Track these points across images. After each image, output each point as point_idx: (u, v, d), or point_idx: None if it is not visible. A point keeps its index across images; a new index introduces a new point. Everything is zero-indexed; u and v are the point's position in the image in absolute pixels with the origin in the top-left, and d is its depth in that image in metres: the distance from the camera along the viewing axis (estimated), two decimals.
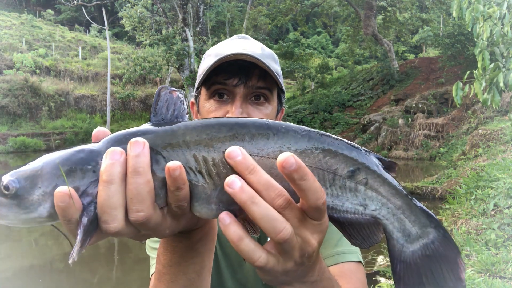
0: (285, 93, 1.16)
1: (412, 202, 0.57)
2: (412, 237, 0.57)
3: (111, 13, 37.44)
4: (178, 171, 0.49)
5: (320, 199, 0.50)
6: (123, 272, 6.00)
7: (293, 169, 0.48)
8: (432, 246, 0.57)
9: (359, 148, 0.56)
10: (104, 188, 0.49)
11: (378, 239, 0.57)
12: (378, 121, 18.69)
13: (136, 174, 0.49)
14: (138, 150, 0.50)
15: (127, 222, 0.51)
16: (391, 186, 0.56)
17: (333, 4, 28.97)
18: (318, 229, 0.53)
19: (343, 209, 0.55)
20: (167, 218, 0.54)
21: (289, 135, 0.53)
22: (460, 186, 7.19)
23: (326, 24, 46.49)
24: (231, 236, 0.51)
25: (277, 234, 0.50)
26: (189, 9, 21.08)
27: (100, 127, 0.57)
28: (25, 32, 31.27)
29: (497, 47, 3.55)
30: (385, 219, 0.56)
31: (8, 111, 22.16)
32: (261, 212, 0.49)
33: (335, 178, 0.54)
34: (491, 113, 13.31)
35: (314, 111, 22.85)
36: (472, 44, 17.27)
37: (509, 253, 3.90)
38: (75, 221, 0.49)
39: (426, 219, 0.57)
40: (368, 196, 0.55)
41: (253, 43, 1.09)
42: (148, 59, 20.60)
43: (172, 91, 0.58)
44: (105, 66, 26.43)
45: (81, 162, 0.51)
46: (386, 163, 0.57)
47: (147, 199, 0.50)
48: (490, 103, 3.45)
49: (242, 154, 0.50)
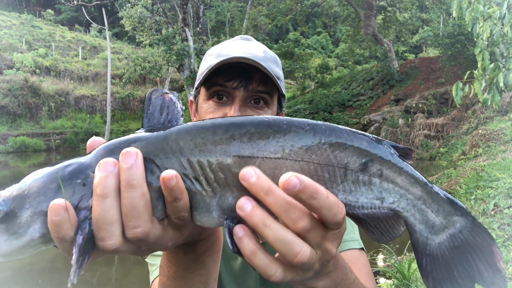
0: (285, 97, 1.15)
1: (433, 190, 0.53)
2: (437, 228, 0.53)
3: (111, 13, 37.43)
4: (174, 181, 0.46)
5: (338, 215, 0.46)
6: (123, 272, 6.00)
7: (298, 189, 0.44)
8: (461, 236, 0.53)
9: (369, 137, 0.52)
10: (98, 202, 0.46)
11: (398, 233, 0.53)
12: (378, 121, 18.69)
13: (130, 187, 0.46)
14: (131, 162, 0.46)
15: (125, 239, 0.48)
16: (409, 175, 0.52)
17: (333, 4, 28.97)
18: (338, 235, 0.51)
19: (358, 205, 0.51)
20: (168, 230, 0.51)
21: (292, 132, 0.49)
22: (460, 186, 7.19)
23: (326, 24, 46.51)
24: (244, 250, 0.47)
25: (294, 257, 0.47)
26: (189, 9, 21.08)
27: (95, 136, 0.54)
28: (25, 32, 31.27)
29: (497, 47, 3.55)
30: (405, 211, 0.52)
31: (8, 111, 22.16)
32: (274, 235, 0.46)
33: (347, 173, 0.50)
34: (491, 113, 13.31)
35: (314, 111, 22.85)
36: (472, 44, 17.27)
37: (509, 253, 3.91)
38: (69, 239, 0.46)
39: (450, 207, 0.53)
40: (384, 189, 0.51)
41: (255, 45, 1.07)
42: (148, 59, 20.58)
43: (164, 93, 0.55)
44: (105, 66, 26.43)
45: (70, 177, 0.48)
46: (401, 150, 0.53)
47: (144, 214, 0.47)
48: (490, 103, 3.45)
49: (256, 175, 0.46)
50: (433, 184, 0.53)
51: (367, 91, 23.55)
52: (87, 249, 0.46)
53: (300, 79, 28.94)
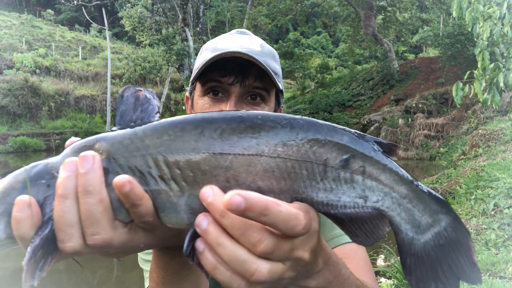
0: (283, 92, 1.10)
1: (419, 187, 0.50)
2: (423, 227, 0.51)
3: (111, 13, 37.43)
4: (127, 187, 0.43)
5: (296, 227, 0.43)
6: (123, 272, 5.99)
7: (244, 208, 0.40)
8: (445, 234, 0.51)
9: (351, 132, 0.49)
10: (59, 203, 0.44)
11: (383, 233, 0.50)
12: (378, 121, 18.69)
13: (87, 193, 0.44)
14: (87, 166, 0.44)
15: (86, 242, 0.46)
16: (393, 172, 0.49)
17: (333, 4, 28.97)
18: (309, 239, 0.47)
19: (340, 204, 0.48)
20: (138, 233, 0.48)
21: (266, 127, 0.46)
22: (460, 186, 7.19)
23: (326, 24, 46.52)
24: (205, 265, 0.45)
25: (250, 277, 0.44)
26: (189, 9, 21.09)
27: (73, 137, 0.52)
28: (25, 32, 31.27)
29: (497, 47, 3.55)
30: (390, 210, 0.50)
31: (8, 111, 22.15)
32: (227, 255, 0.43)
33: (327, 170, 0.47)
34: (491, 113, 13.31)
35: (314, 111, 22.86)
36: (472, 44, 17.26)
37: (509, 253, 3.91)
38: (29, 238, 0.44)
39: (436, 205, 0.51)
40: (367, 187, 0.49)
41: (252, 39, 1.03)
42: (148, 59, 20.60)
43: (138, 91, 0.52)
44: (105, 66, 26.43)
45: (35, 177, 0.47)
46: (385, 146, 0.50)
47: (103, 220, 0.45)
48: (490, 103, 3.45)
49: (213, 194, 0.43)
50: (418, 181, 0.51)
51: (367, 91, 23.55)
52: (49, 251, 0.45)
53: (300, 79, 28.95)
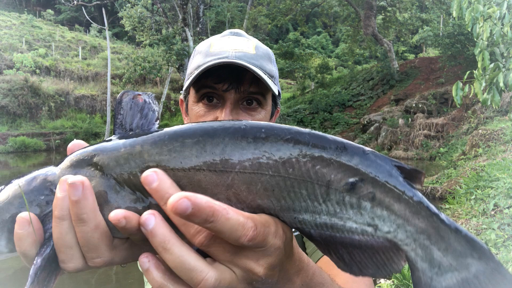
0: (280, 94, 1.08)
1: (443, 223, 0.43)
2: (444, 269, 0.44)
3: (111, 13, 37.43)
4: (123, 222, 0.41)
5: (242, 237, 0.40)
6: (123, 272, 5.99)
7: (190, 213, 0.38)
8: (476, 282, 0.43)
9: (365, 151, 0.43)
10: (56, 224, 0.43)
11: (399, 268, 0.44)
12: (378, 121, 18.69)
13: (81, 221, 0.43)
14: (78, 194, 0.42)
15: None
16: (410, 203, 0.43)
17: (333, 4, 28.97)
18: (265, 254, 0.43)
19: (346, 229, 0.44)
20: (137, 246, 0.47)
21: (269, 141, 0.43)
22: (460, 186, 7.20)
23: (326, 24, 46.52)
24: (151, 284, 0.43)
25: (197, 285, 0.41)
26: (189, 9, 21.09)
27: (76, 140, 0.50)
28: (25, 32, 31.27)
29: (497, 47, 3.55)
30: (404, 244, 0.43)
31: (8, 111, 22.15)
32: (174, 261, 0.41)
33: (329, 192, 0.43)
34: (491, 113, 13.31)
35: (314, 111, 22.85)
36: (472, 44, 17.27)
37: (509, 253, 3.91)
38: (31, 255, 0.44)
39: (464, 247, 0.44)
40: (377, 215, 0.43)
41: (246, 42, 1.00)
42: (148, 59, 20.58)
43: (137, 95, 0.50)
44: (105, 66, 26.43)
45: (34, 192, 0.45)
46: (407, 171, 0.44)
47: (101, 245, 0.44)
48: (490, 103, 3.45)
49: (159, 180, 0.40)
50: (444, 214, 0.44)
51: (367, 91, 23.55)
52: (52, 270, 0.44)
53: (300, 79, 28.95)
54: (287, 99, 28.53)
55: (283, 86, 35.17)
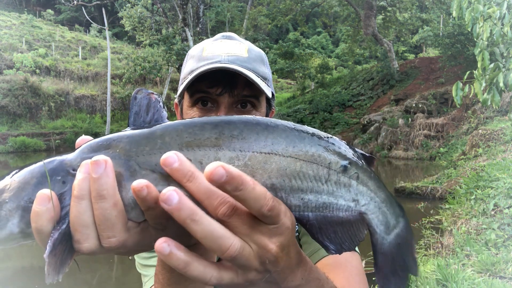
0: (274, 95, 1.10)
1: (390, 194, 0.58)
2: (390, 229, 0.57)
3: (111, 13, 37.44)
4: (145, 191, 0.43)
5: (263, 207, 0.45)
6: (123, 272, 6.00)
7: (224, 181, 0.42)
8: (401, 234, 0.59)
9: (345, 143, 0.55)
10: (75, 204, 0.45)
11: (363, 237, 0.55)
12: (378, 121, 18.70)
13: (100, 198, 0.45)
14: (100, 171, 0.44)
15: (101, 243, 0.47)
16: (376, 180, 0.56)
17: (333, 4, 28.97)
18: (277, 232, 0.48)
19: (337, 207, 0.52)
20: (150, 231, 0.49)
21: (279, 129, 0.50)
22: (460, 186, 7.20)
23: (326, 24, 46.48)
24: (176, 266, 0.45)
25: (224, 252, 0.45)
26: (189, 9, 21.09)
27: (84, 135, 0.53)
28: (25, 32, 31.27)
29: (497, 47, 3.55)
30: (371, 213, 0.55)
31: (8, 111, 22.15)
32: (203, 231, 0.44)
33: (330, 173, 0.52)
34: (491, 113, 13.31)
35: (314, 111, 22.86)
36: (472, 44, 17.26)
37: (509, 253, 3.91)
38: (47, 231, 0.45)
39: (399, 209, 0.59)
40: (359, 191, 0.54)
41: (239, 45, 1.02)
42: (148, 59, 20.60)
43: (150, 93, 0.54)
44: (105, 66, 26.42)
45: (51, 173, 0.47)
46: (366, 158, 0.57)
47: (118, 224, 0.46)
48: (490, 103, 3.46)
49: (179, 160, 0.44)
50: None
51: (367, 91, 23.56)
52: (68, 247, 0.46)
53: (300, 79, 28.96)
54: (287, 99, 28.53)
55: (283, 86, 35.15)
